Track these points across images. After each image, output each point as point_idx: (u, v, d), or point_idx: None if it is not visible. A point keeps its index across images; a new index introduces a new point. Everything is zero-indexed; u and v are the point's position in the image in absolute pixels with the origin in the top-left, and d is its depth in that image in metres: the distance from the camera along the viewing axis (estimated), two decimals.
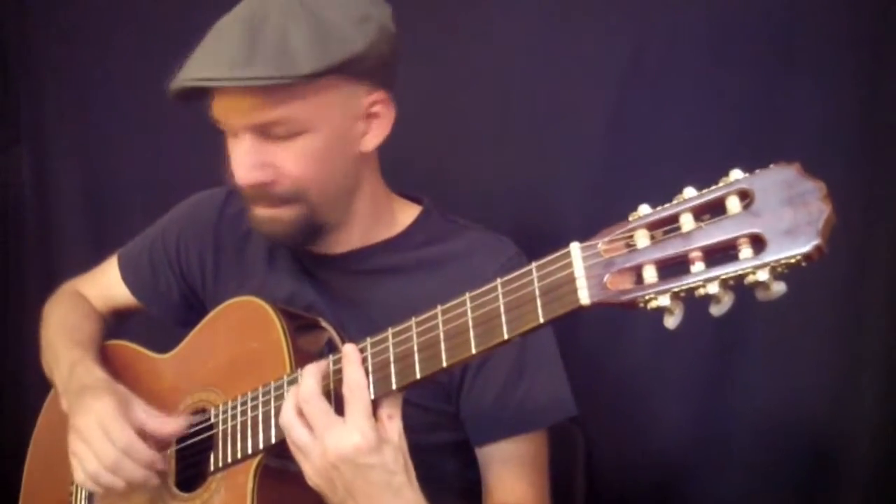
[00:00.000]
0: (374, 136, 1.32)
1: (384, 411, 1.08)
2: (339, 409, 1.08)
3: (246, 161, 1.24)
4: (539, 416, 1.32)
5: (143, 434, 1.28)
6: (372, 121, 1.31)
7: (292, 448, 1.11)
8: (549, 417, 1.34)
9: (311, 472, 1.09)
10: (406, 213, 1.43)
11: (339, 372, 1.10)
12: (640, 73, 1.72)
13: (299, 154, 1.25)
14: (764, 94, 1.62)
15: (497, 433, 1.31)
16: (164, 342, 1.50)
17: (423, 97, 1.38)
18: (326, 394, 1.10)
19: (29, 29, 2.38)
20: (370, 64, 1.25)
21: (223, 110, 1.24)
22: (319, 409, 1.08)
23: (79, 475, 1.30)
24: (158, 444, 1.29)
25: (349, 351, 1.09)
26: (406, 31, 1.32)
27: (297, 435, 1.09)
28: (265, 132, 1.23)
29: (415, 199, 1.47)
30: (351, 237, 1.39)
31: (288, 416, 1.10)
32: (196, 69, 1.20)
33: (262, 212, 1.30)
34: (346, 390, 1.07)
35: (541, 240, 1.08)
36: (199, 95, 1.24)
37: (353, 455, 1.04)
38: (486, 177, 1.87)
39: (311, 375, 1.10)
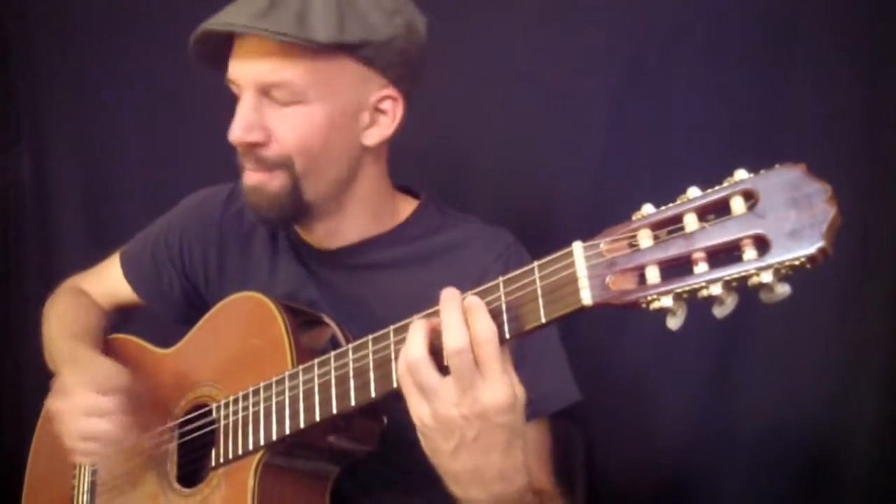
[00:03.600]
0: (378, 131, 1.32)
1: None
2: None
3: (244, 119, 1.26)
4: (543, 403, 1.30)
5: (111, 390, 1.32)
6: (378, 116, 1.31)
7: (409, 388, 1.00)
8: (553, 405, 1.32)
9: (430, 415, 0.99)
10: (404, 208, 1.44)
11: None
12: (642, 72, 1.73)
13: (293, 122, 1.26)
14: (764, 94, 1.62)
15: None
16: (167, 336, 1.50)
17: (426, 98, 1.38)
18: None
19: (29, 29, 2.38)
20: (389, 58, 1.26)
21: (237, 65, 1.27)
22: (469, 360, 0.96)
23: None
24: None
25: (474, 301, 0.97)
26: None
27: (427, 375, 0.98)
28: (267, 93, 1.26)
29: (413, 194, 1.47)
30: (349, 231, 1.39)
31: (418, 354, 0.98)
32: (218, 19, 1.24)
33: (250, 177, 1.31)
34: (482, 342, 0.96)
35: (543, 239, 1.08)
36: (219, 56, 1.27)
37: (495, 413, 0.96)
38: (489, 175, 1.87)
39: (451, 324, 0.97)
